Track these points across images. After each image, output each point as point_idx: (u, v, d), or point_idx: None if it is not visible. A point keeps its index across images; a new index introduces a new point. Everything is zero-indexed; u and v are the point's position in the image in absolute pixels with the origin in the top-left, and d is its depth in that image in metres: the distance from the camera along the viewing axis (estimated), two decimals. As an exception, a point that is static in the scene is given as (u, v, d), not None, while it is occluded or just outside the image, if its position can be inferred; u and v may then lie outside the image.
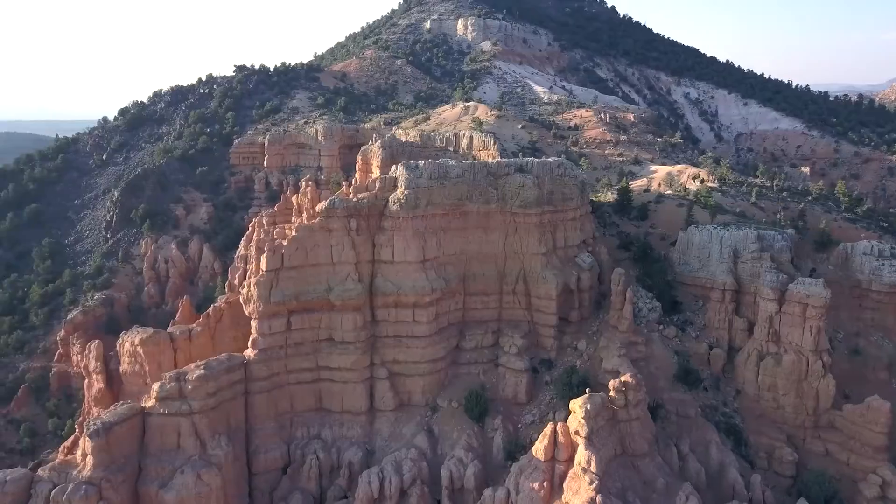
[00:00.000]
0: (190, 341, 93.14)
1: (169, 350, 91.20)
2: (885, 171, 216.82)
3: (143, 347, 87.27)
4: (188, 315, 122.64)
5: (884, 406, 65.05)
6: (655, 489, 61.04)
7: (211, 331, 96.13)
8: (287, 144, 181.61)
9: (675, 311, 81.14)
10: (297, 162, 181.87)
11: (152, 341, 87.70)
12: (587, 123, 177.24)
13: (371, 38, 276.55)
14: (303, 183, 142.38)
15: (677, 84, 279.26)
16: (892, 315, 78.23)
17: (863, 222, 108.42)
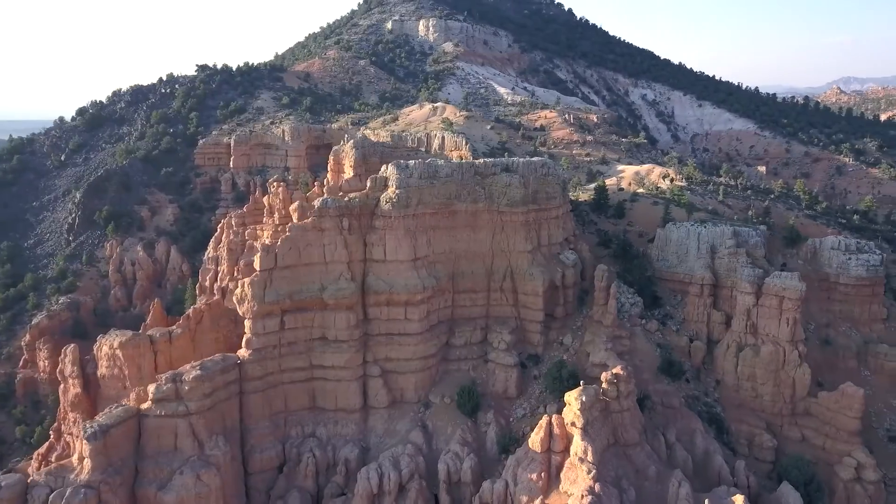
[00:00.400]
0: (170, 343, 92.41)
1: (149, 353, 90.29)
2: (833, 171, 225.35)
3: (123, 350, 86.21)
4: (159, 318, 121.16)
5: (857, 392, 68.63)
6: (647, 477, 63.23)
7: (191, 332, 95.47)
8: (253, 145, 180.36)
9: (655, 305, 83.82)
10: (263, 162, 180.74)
11: (132, 344, 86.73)
12: (552, 124, 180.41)
13: (332, 38, 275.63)
14: (274, 184, 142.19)
15: (634, 85, 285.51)
16: (859, 306, 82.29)
17: (822, 219, 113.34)
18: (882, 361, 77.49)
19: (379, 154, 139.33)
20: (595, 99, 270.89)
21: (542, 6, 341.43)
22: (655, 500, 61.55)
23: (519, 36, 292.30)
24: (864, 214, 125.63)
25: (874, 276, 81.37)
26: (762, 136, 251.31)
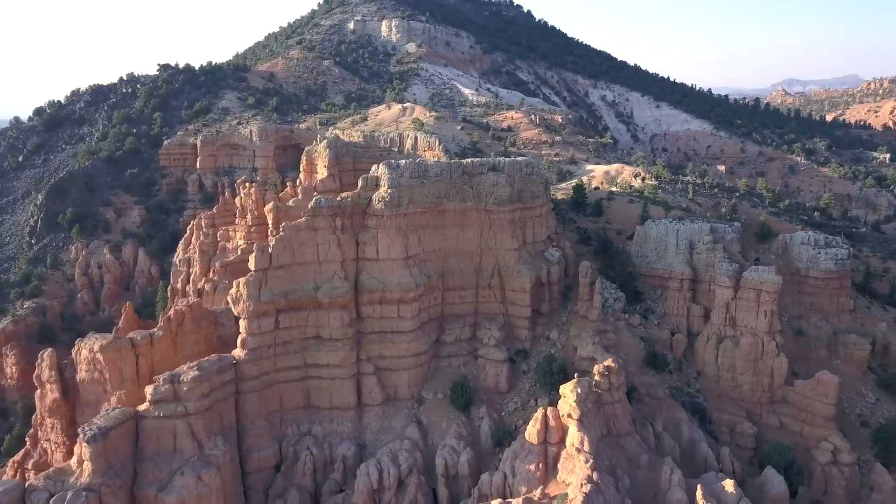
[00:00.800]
0: (151, 346, 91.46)
1: (131, 356, 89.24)
2: (786, 169, 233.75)
3: (104, 354, 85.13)
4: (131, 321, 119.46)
5: (832, 380, 72.11)
6: (640, 465, 65.51)
7: (172, 335, 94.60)
8: (220, 145, 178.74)
9: (636, 300, 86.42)
10: (230, 163, 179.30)
11: (113, 348, 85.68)
12: (519, 125, 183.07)
13: (294, 37, 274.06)
14: (245, 185, 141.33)
15: (594, 87, 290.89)
16: (828, 298, 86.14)
17: (785, 216, 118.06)
18: (851, 350, 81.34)
19: (351, 154, 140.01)
20: (556, 100, 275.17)
21: (502, 7, 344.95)
22: (648, 487, 63.83)
23: (480, 37, 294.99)
24: (822, 211, 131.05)
25: (842, 269, 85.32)
26: (718, 136, 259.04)
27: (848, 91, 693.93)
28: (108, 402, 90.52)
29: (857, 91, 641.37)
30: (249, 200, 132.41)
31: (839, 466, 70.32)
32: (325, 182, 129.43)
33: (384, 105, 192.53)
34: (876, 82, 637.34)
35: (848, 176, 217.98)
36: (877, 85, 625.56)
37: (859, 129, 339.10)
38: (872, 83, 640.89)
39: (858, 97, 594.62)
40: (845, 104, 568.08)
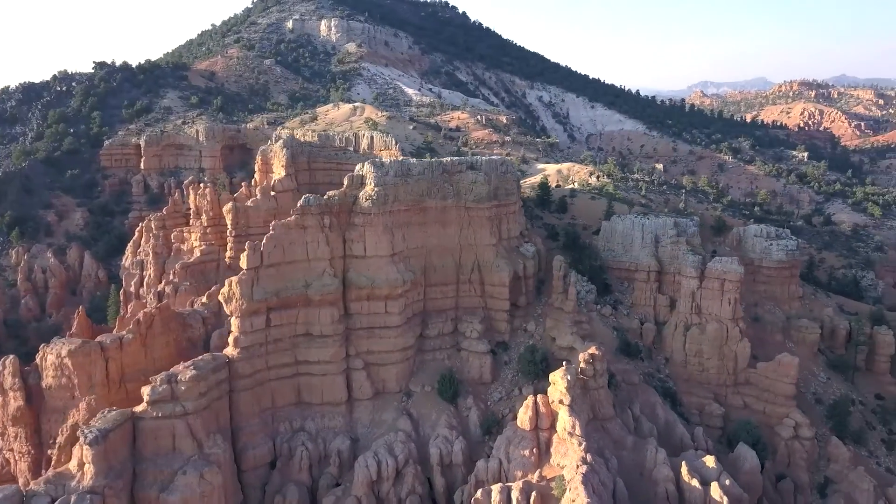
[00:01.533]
0: (121, 350, 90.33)
1: (100, 360, 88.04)
2: (716, 167, 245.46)
3: (72, 359, 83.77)
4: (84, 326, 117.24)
5: (793, 361, 77.89)
6: (625, 447, 69.33)
7: (142, 337, 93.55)
8: (165, 145, 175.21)
9: (606, 292, 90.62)
10: (176, 164, 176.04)
11: (82, 352, 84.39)
12: (466, 125, 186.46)
13: (231, 36, 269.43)
14: (200, 186, 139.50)
15: (531, 87, 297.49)
16: (779, 287, 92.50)
17: (728, 211, 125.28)
18: (804, 334, 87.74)
19: (307, 154, 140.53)
20: (495, 101, 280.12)
21: (438, 8, 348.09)
22: (634, 466, 67.68)
23: (418, 38, 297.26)
24: (760, 206, 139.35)
25: (792, 259, 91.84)
26: (651, 135, 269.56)
27: (760, 93, 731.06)
28: (77, 408, 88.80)
29: (770, 93, 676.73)
30: (204, 201, 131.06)
31: (800, 441, 76.05)
32: (283, 182, 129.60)
33: (332, 105, 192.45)
34: (786, 85, 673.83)
35: (772, 173, 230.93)
36: (787, 87, 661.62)
37: (776, 130, 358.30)
38: (783, 86, 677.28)
39: (771, 99, 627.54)
40: (759, 105, 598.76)
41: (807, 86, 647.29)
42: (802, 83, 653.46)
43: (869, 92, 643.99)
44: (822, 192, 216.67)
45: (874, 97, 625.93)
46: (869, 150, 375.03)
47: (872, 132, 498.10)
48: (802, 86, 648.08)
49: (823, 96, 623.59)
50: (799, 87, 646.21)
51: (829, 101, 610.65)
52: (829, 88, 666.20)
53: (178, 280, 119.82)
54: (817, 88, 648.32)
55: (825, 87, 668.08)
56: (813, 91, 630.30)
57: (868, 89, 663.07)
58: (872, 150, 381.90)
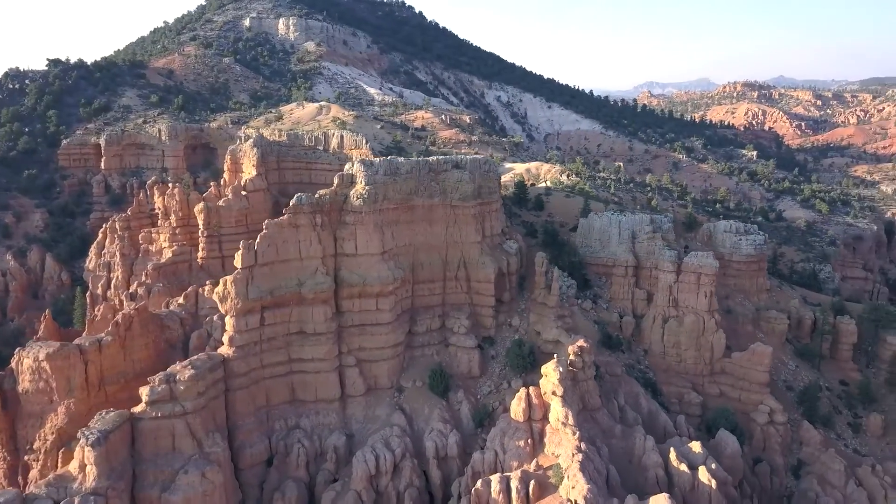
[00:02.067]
0: (100, 352, 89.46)
1: (79, 363, 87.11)
2: (670, 166, 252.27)
3: (50, 362, 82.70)
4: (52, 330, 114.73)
5: (766, 350, 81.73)
6: (614, 435, 71.88)
7: (121, 340, 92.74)
8: (126, 145, 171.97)
9: (585, 287, 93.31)
10: (137, 163, 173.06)
11: (61, 355, 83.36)
12: (431, 124, 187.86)
13: (186, 33, 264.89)
14: (168, 186, 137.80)
15: (489, 87, 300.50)
16: (748, 280, 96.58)
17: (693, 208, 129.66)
18: (773, 324, 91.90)
19: (276, 153, 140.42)
20: (454, 100, 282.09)
21: (395, 8, 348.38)
22: (623, 454, 70.25)
23: (377, 37, 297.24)
24: (720, 203, 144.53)
25: (760, 253, 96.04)
26: (607, 135, 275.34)
27: (706, 94, 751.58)
28: (55, 412, 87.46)
29: (715, 94, 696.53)
30: (173, 201, 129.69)
31: (775, 426, 79.90)
32: (255, 181, 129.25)
33: (296, 104, 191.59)
34: (729, 86, 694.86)
35: (725, 172, 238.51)
36: (731, 88, 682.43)
37: (724, 129, 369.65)
38: (727, 87, 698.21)
39: (717, 99, 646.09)
40: (706, 106, 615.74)
41: (750, 87, 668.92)
42: (746, 84, 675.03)
43: (808, 93, 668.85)
44: (772, 190, 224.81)
45: (812, 98, 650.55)
46: (811, 150, 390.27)
47: (812, 132, 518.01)
48: (746, 87, 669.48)
49: (765, 97, 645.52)
50: (742, 88, 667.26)
51: (771, 101, 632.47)
52: (771, 90, 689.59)
53: (150, 281, 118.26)
54: (759, 89, 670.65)
55: (767, 88, 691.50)
56: (755, 92, 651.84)
57: (807, 90, 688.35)
58: (814, 149, 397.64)
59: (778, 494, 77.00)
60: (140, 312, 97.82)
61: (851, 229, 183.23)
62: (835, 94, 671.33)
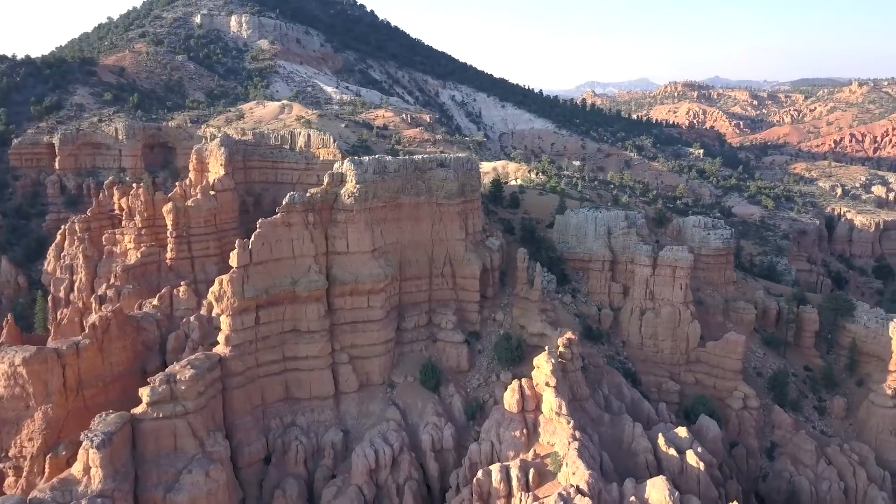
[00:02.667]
0: (77, 356, 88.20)
1: (57, 367, 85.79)
2: (622, 164, 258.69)
3: (27, 367, 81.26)
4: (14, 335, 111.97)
5: (739, 339, 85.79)
6: (603, 423, 74.61)
7: (99, 343, 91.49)
8: (81, 144, 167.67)
9: (564, 282, 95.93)
10: (93, 163, 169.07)
11: (38, 360, 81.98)
12: (392, 123, 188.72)
13: (135, 30, 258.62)
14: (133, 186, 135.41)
15: (443, 87, 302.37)
16: (717, 272, 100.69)
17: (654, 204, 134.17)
18: (741, 315, 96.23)
19: (242, 152, 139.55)
20: (409, 99, 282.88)
21: (347, 7, 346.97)
22: (612, 441, 73.02)
23: (330, 36, 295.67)
24: (679, 199, 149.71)
25: (727, 246, 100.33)
26: (560, 134, 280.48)
27: (648, 93, 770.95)
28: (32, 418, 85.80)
29: (657, 94, 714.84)
30: (138, 202, 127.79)
31: (749, 410, 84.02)
32: (223, 181, 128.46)
33: (255, 102, 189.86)
34: (671, 86, 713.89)
35: (675, 170, 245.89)
36: (672, 88, 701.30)
37: (670, 128, 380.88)
38: (668, 87, 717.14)
39: (659, 99, 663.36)
40: (649, 105, 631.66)
41: (690, 87, 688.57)
42: (686, 84, 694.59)
43: (744, 93, 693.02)
44: (720, 187, 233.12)
45: (749, 98, 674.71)
46: (750, 148, 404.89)
47: (750, 131, 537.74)
48: (686, 87, 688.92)
49: (705, 97, 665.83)
50: (682, 88, 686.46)
51: (710, 101, 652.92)
52: (710, 90, 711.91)
53: (120, 283, 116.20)
54: (699, 89, 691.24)
55: (706, 88, 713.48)
56: (695, 92, 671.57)
57: (743, 90, 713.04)
58: (753, 147, 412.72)
59: (753, 475, 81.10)
60: (117, 314, 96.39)
61: (796, 224, 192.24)
62: (769, 95, 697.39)
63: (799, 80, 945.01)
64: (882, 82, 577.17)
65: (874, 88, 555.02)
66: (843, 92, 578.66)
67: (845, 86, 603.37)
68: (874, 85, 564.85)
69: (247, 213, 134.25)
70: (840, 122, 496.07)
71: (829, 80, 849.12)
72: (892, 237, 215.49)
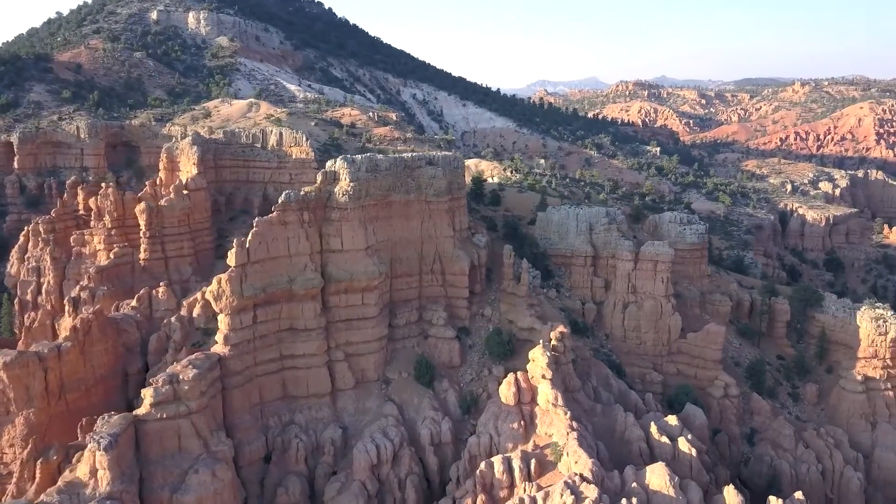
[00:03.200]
0: (59, 359, 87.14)
1: (39, 371, 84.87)
2: (583, 162, 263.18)
3: (7, 371, 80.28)
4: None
5: (720, 330, 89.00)
6: (596, 414, 76.70)
7: (80, 345, 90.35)
8: (41, 143, 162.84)
9: (548, 277, 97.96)
10: (54, 162, 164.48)
11: (19, 364, 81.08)
12: (360, 121, 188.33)
13: (88, 25, 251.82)
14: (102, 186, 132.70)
15: (404, 85, 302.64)
16: (692, 266, 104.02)
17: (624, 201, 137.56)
18: (717, 306, 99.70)
19: (213, 151, 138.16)
20: (371, 98, 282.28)
21: (305, 4, 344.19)
22: (605, 430, 75.16)
23: (289, 33, 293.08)
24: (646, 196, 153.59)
25: (702, 241, 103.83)
26: (522, 132, 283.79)
27: (600, 92, 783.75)
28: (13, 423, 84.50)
29: (609, 92, 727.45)
30: (107, 202, 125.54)
31: (729, 398, 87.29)
32: (196, 180, 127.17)
33: (220, 100, 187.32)
34: (622, 85, 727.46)
35: (635, 167, 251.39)
36: (623, 87, 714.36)
37: (625, 127, 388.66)
38: (619, 86, 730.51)
39: (612, 98, 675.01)
40: (601, 104, 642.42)
41: (640, 86, 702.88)
42: (637, 83, 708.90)
43: (693, 92, 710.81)
44: (678, 184, 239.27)
45: (697, 97, 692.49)
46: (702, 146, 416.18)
47: (700, 129, 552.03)
48: (637, 86, 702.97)
49: (655, 96, 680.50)
50: (633, 87, 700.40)
51: (660, 100, 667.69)
52: (660, 89, 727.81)
53: (94, 285, 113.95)
54: (649, 88, 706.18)
55: (656, 87, 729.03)
56: (646, 91, 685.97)
57: (692, 90, 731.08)
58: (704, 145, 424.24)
59: (735, 461, 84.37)
60: (98, 316, 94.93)
61: (752, 219, 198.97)
62: (717, 94, 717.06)
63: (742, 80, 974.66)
64: (823, 82, 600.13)
65: (815, 88, 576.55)
66: (786, 91, 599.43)
67: (788, 86, 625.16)
68: (815, 85, 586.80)
69: (218, 212, 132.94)
70: (785, 120, 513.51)
71: (770, 80, 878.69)
72: (840, 231, 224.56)
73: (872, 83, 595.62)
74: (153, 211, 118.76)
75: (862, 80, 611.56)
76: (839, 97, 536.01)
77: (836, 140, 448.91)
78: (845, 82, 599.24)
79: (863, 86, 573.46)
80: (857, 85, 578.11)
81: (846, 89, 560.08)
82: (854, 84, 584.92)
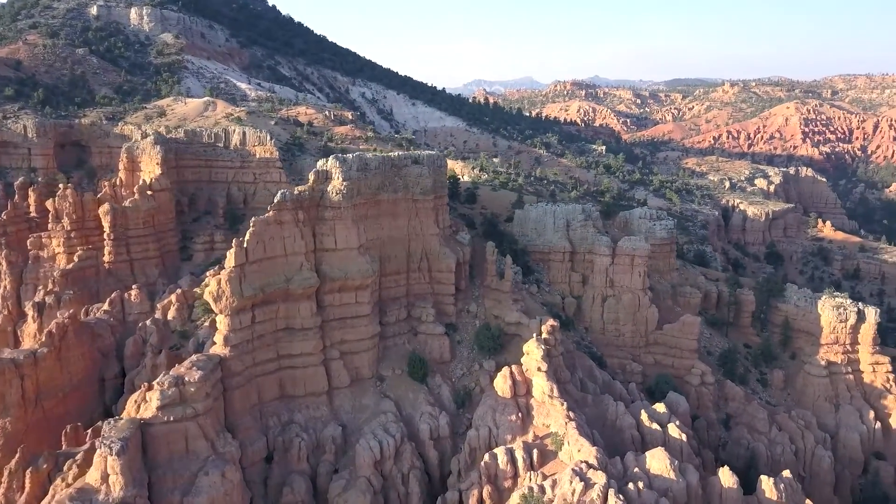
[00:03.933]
0: (36, 366, 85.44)
1: (15, 378, 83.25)
2: (533, 161, 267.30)
3: None
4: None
5: (695, 321, 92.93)
6: (587, 404, 79.19)
7: (57, 351, 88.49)
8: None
9: (528, 273, 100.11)
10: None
11: None
12: (316, 120, 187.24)
13: (23, 20, 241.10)
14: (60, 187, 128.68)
15: (353, 84, 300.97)
16: (662, 260, 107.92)
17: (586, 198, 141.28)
18: (688, 299, 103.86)
19: (174, 150, 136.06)
20: (320, 96, 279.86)
21: (249, 1, 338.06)
22: (597, 419, 77.69)
23: (235, 31, 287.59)
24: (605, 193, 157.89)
25: (670, 236, 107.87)
26: (472, 132, 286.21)
27: (538, 91, 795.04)
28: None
29: (547, 92, 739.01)
30: (65, 203, 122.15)
31: (706, 386, 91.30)
32: (160, 180, 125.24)
33: (173, 98, 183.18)
34: (560, 84, 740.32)
35: (583, 165, 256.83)
36: (561, 87, 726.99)
37: (568, 126, 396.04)
38: (557, 85, 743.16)
39: (550, 97, 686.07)
40: (540, 103, 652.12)
41: (578, 86, 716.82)
42: (574, 83, 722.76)
43: (628, 92, 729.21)
44: (626, 181, 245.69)
45: (633, 97, 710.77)
46: (641, 144, 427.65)
47: (637, 128, 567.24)
48: (574, 86, 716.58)
49: (592, 95, 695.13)
50: (571, 87, 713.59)
51: (598, 99, 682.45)
52: (596, 88, 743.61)
53: (58, 289, 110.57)
54: (586, 88, 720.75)
55: (593, 87, 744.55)
56: (583, 91, 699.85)
57: (627, 90, 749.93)
58: (644, 143, 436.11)
59: (713, 445, 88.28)
60: (73, 321, 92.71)
61: (699, 214, 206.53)
62: (651, 94, 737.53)
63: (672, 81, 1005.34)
64: (750, 83, 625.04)
65: (744, 89, 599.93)
66: (717, 92, 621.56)
67: (718, 86, 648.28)
68: (744, 86, 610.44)
69: (182, 213, 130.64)
70: (717, 119, 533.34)
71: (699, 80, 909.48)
72: (779, 226, 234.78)
73: (795, 84, 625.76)
74: (117, 212, 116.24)
75: (786, 82, 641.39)
76: (766, 97, 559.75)
77: (765, 139, 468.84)
78: (771, 83, 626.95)
79: (787, 87, 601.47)
80: (781, 86, 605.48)
81: (772, 90, 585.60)
82: (779, 85, 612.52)
